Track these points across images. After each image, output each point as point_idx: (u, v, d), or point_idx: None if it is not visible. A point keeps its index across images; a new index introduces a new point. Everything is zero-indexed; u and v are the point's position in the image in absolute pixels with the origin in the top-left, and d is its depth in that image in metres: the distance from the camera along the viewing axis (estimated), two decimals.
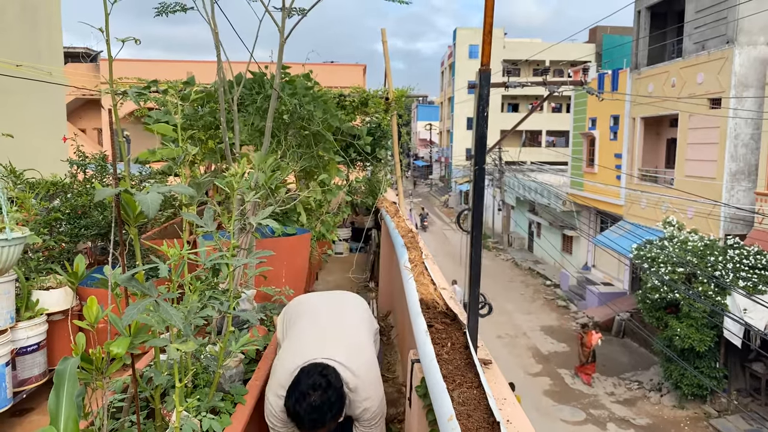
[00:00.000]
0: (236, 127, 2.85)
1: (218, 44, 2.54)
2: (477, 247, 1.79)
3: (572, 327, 19.70)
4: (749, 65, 13.13)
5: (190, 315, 1.42)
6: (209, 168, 5.68)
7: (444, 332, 1.91)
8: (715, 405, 12.85)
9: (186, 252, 1.41)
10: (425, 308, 2.16)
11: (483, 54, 1.72)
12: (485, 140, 1.74)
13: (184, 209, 1.74)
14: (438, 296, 2.23)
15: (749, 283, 11.71)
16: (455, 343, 1.81)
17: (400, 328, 4.28)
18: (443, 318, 2.05)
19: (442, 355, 1.70)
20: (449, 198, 47.50)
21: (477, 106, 1.71)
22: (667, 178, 16.49)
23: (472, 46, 46.71)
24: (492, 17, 1.72)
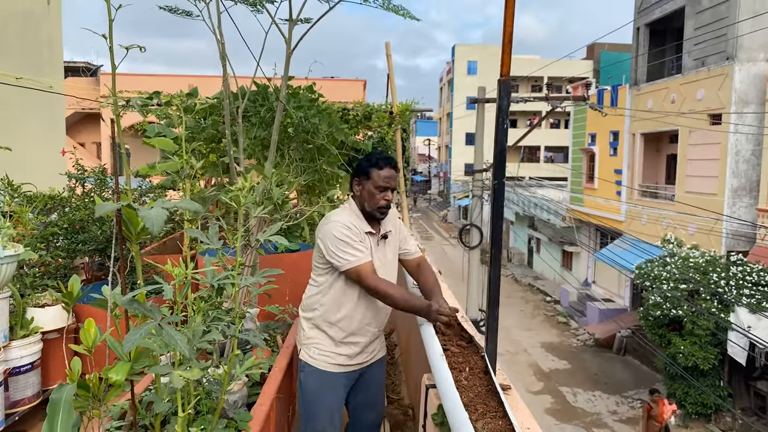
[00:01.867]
0: (240, 140, 2.77)
1: (224, 54, 2.47)
2: (496, 266, 1.70)
3: (573, 344, 19.54)
4: (749, 81, 13.15)
5: (195, 339, 1.32)
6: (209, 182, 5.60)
7: (461, 356, 1.81)
8: (720, 424, 12.66)
9: (191, 272, 1.31)
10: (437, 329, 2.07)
11: (503, 64, 1.64)
12: (505, 153, 1.66)
13: (188, 225, 1.65)
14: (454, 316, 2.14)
15: (753, 300, 11.59)
16: (474, 368, 1.71)
17: (405, 348, 4.17)
18: (458, 340, 1.95)
19: (461, 381, 1.61)
20: (448, 213, 47.45)
21: (497, 117, 1.63)
22: (668, 194, 16.44)
23: (470, 63, 47.00)
24: (512, 26, 1.65)
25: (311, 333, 2.43)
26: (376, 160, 2.40)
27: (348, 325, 2.39)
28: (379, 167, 2.39)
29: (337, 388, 2.43)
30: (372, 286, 2.24)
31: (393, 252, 2.55)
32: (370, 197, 2.39)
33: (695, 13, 14.75)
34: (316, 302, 2.42)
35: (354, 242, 2.28)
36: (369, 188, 2.39)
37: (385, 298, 2.28)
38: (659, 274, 13.05)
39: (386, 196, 2.40)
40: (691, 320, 12.16)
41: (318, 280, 2.43)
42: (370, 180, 2.39)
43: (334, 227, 2.30)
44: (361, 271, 2.25)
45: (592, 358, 18.11)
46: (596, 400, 14.99)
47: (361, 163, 2.45)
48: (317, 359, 2.39)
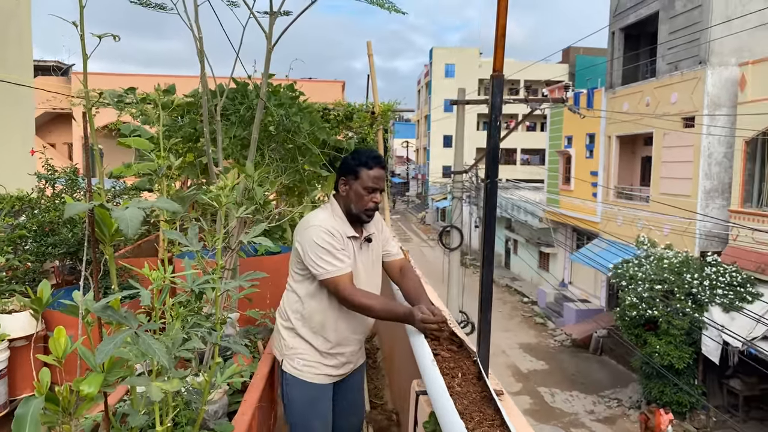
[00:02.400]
0: (219, 139, 2.67)
1: (201, 50, 2.37)
2: (489, 269, 1.65)
3: (550, 344, 19.70)
4: (721, 85, 13.42)
5: (174, 347, 1.23)
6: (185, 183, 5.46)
7: (452, 361, 1.75)
8: (695, 422, 12.86)
9: (169, 276, 1.23)
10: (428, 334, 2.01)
11: (496, 59, 1.59)
12: (498, 151, 1.61)
13: (165, 226, 1.56)
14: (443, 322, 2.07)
15: (726, 300, 11.81)
16: (466, 374, 1.65)
17: (388, 352, 4.10)
18: (449, 345, 1.89)
19: (454, 388, 1.54)
20: (426, 215, 47.57)
21: (490, 114, 1.58)
22: (643, 196, 16.69)
23: (448, 65, 47.25)
24: (505, 19, 1.60)
25: (293, 342, 2.29)
26: (366, 159, 2.25)
27: (334, 335, 2.28)
28: (368, 167, 2.24)
29: (327, 398, 2.34)
30: (349, 299, 2.11)
31: (377, 255, 2.44)
32: (358, 199, 2.24)
33: (669, 18, 15.01)
34: (297, 311, 2.29)
35: (335, 250, 2.14)
36: (357, 189, 2.24)
37: (364, 310, 2.15)
38: (635, 275, 13.23)
39: (375, 198, 2.27)
40: (667, 320, 12.34)
41: (298, 287, 2.28)
42: (358, 180, 2.24)
43: (314, 232, 2.16)
44: (339, 282, 2.11)
45: (569, 358, 18.28)
46: (574, 400, 15.13)
47: (349, 162, 2.29)
48: (302, 371, 2.27)
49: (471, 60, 46.64)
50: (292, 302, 2.31)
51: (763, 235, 12.27)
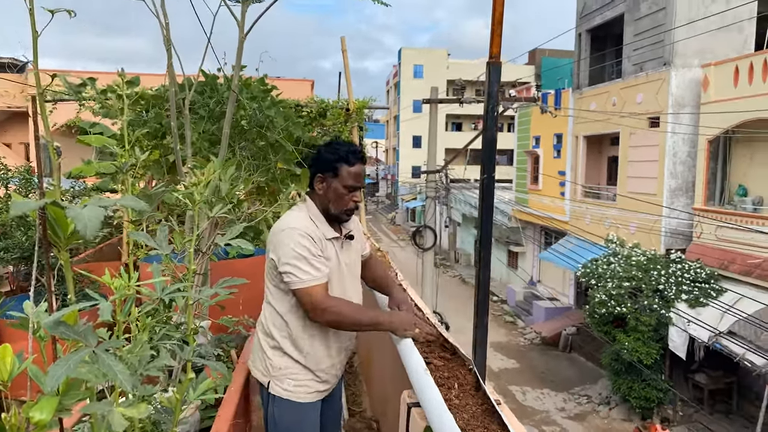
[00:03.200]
0: (188, 135, 2.49)
1: (168, 37, 2.20)
2: (485, 270, 1.53)
3: (521, 342, 19.86)
4: (685, 86, 13.71)
5: (140, 366, 1.08)
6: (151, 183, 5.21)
7: (446, 370, 1.63)
8: (662, 417, 13.09)
9: (134, 284, 1.07)
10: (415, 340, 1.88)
11: (492, 45, 1.48)
12: (495, 143, 1.49)
13: (130, 227, 1.39)
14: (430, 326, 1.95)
15: (691, 296, 12.06)
16: (463, 384, 1.53)
17: (365, 356, 3.96)
18: (441, 352, 1.76)
19: (452, 400, 1.42)
20: (396, 215, 47.57)
21: (487, 104, 1.46)
22: (610, 195, 16.96)
23: (416, 66, 47.40)
24: (502, 5, 1.49)
25: (281, 362, 2.09)
26: (345, 154, 2.05)
27: (324, 350, 2.10)
28: (349, 162, 2.05)
29: (317, 416, 2.17)
30: (320, 308, 1.91)
31: (357, 252, 2.30)
32: (337, 198, 2.06)
33: (634, 20, 15.27)
34: (282, 328, 2.08)
35: (311, 257, 1.95)
36: (336, 187, 2.05)
37: (338, 323, 1.96)
38: (604, 273, 13.40)
39: (355, 197, 2.10)
40: (635, 317, 12.53)
41: (279, 303, 2.07)
42: (337, 178, 2.05)
43: (290, 236, 1.96)
44: (312, 293, 1.92)
45: (539, 356, 18.45)
46: (544, 398, 15.25)
47: (326, 156, 2.08)
48: (293, 391, 2.08)
49: (439, 61, 46.88)
50: (275, 319, 2.10)
51: (725, 232, 12.58)
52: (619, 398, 13.71)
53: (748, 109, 11.79)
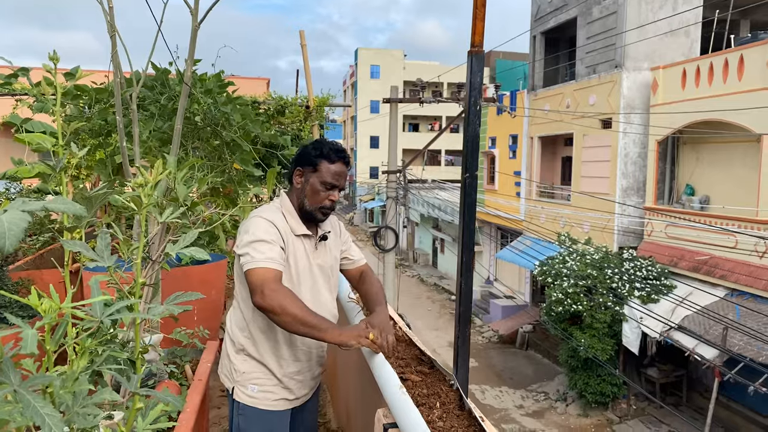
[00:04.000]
0: (136, 132, 2.29)
1: (112, 22, 1.99)
2: (468, 276, 1.41)
3: (479, 341, 20.03)
4: (636, 89, 14.10)
5: (76, 404, 0.90)
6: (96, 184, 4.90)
7: (424, 386, 1.50)
8: (617, 411, 13.41)
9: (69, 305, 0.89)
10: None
11: (474, 32, 1.36)
12: (478, 140, 1.38)
13: (66, 235, 1.21)
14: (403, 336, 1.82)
15: (643, 292, 12.39)
16: (446, 403, 1.40)
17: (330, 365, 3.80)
18: (417, 365, 1.63)
19: (435, 423, 1.29)
20: (354, 216, 47.37)
21: (468, 97, 1.35)
22: (564, 194, 17.29)
23: (373, 66, 47.37)
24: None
25: (244, 366, 1.98)
26: (328, 151, 2.01)
27: (288, 351, 1.98)
28: (330, 160, 2.00)
29: (285, 427, 2.03)
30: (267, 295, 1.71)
31: (333, 257, 2.17)
32: (313, 194, 2.00)
33: (586, 24, 15.62)
34: (245, 328, 1.99)
35: (272, 242, 1.86)
36: (314, 183, 2.00)
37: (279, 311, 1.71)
38: (560, 271, 13.61)
39: (332, 196, 2.03)
40: (590, 314, 12.78)
41: (245, 299, 1.97)
42: (316, 173, 2.00)
43: (254, 223, 1.92)
44: (262, 273, 1.76)
45: (497, 354, 18.64)
46: (503, 395, 15.39)
47: (308, 151, 2.04)
48: (257, 397, 1.96)
49: (396, 62, 46.98)
50: (239, 320, 2.01)
51: (674, 230, 12.99)
52: (576, 394, 13.97)
53: (695, 110, 12.20)
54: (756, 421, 11.53)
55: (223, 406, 3.55)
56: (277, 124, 4.87)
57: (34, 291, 0.89)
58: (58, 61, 1.27)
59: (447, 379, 1.53)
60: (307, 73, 4.44)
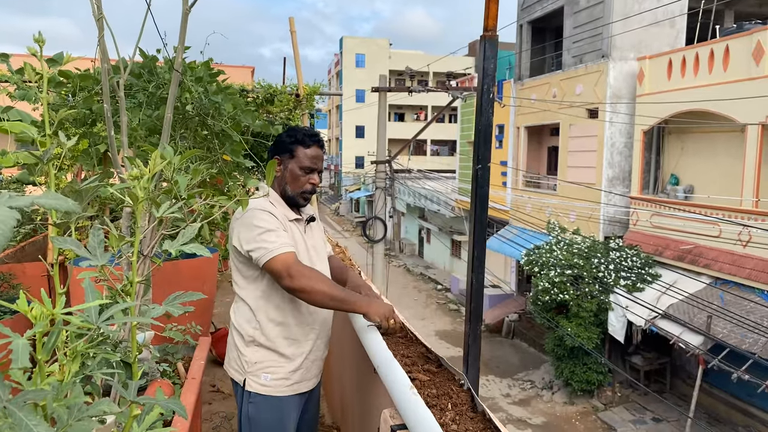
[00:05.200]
0: (123, 121, 2.19)
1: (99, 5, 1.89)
2: (479, 272, 1.35)
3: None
4: (622, 78, 14.13)
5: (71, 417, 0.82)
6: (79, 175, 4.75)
7: (433, 386, 1.44)
8: (602, 399, 13.56)
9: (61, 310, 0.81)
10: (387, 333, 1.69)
11: (487, 16, 1.29)
12: (491, 130, 1.31)
13: (54, 231, 1.12)
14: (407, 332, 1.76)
15: (629, 281, 12.50)
16: (458, 404, 1.34)
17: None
18: (424, 363, 1.57)
19: (449, 426, 1.23)
20: (340, 206, 47.22)
21: (481, 84, 1.28)
22: (550, 184, 17.34)
23: (358, 55, 47.04)
24: None
25: (257, 356, 1.99)
26: (302, 136, 2.10)
27: (301, 332, 2.01)
28: (305, 144, 2.08)
29: (296, 415, 2.05)
30: (296, 277, 1.80)
31: (321, 238, 2.27)
32: (294, 180, 2.08)
33: (573, 13, 15.59)
34: (251, 318, 1.99)
35: (277, 230, 1.93)
36: (292, 169, 2.08)
37: (311, 290, 1.82)
38: (547, 261, 13.68)
39: (312, 179, 2.11)
40: (577, 303, 12.87)
41: (247, 293, 2.00)
42: (293, 159, 2.08)
43: (251, 215, 1.93)
44: (284, 258, 1.84)
45: (483, 343, 18.60)
46: (490, 384, 15.49)
47: (283, 139, 2.13)
48: (271, 386, 1.97)
49: (381, 51, 46.69)
50: (245, 312, 2.01)
51: (659, 219, 13.10)
52: (562, 382, 14.10)
53: (680, 100, 12.26)
54: (737, 407, 11.74)
55: (214, 401, 3.48)
56: (266, 113, 4.76)
57: (22, 296, 0.81)
58: (44, 43, 1.18)
59: (456, 379, 1.48)
60: (296, 60, 4.34)
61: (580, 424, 12.95)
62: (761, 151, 10.88)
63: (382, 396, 1.62)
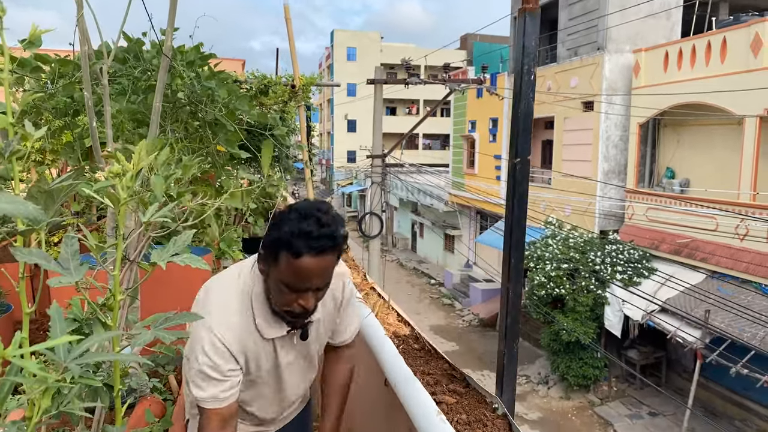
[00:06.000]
0: (107, 110, 1.98)
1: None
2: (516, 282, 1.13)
3: (459, 325, 20.04)
4: (618, 71, 14.00)
5: None
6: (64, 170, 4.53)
7: (462, 410, 1.26)
8: (598, 393, 13.51)
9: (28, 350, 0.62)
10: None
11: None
12: (531, 119, 1.13)
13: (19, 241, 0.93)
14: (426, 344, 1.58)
15: (625, 276, 12.41)
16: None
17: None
18: (449, 383, 1.40)
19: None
20: (332, 201, 46.98)
21: (521, 64, 1.09)
22: (545, 178, 17.23)
23: (349, 49, 46.69)
24: None
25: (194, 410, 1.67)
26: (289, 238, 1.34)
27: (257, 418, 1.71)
28: (293, 252, 1.34)
29: None
30: None
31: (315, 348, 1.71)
32: (277, 294, 1.44)
33: (568, 5, 15.43)
34: None
35: (215, 376, 1.45)
36: (275, 281, 1.42)
37: None
38: (542, 255, 13.57)
39: (302, 300, 1.42)
40: (573, 298, 12.78)
41: None
42: (276, 268, 1.39)
43: (202, 340, 1.45)
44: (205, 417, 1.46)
45: (478, 338, 18.68)
46: (485, 379, 15.39)
47: (271, 236, 1.41)
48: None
49: (372, 44, 46.36)
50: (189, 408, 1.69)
51: (655, 213, 13.01)
52: (558, 377, 14.03)
53: (677, 93, 12.15)
54: (733, 400, 11.71)
55: None
56: (259, 104, 4.55)
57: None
58: (5, 13, 0.98)
59: (489, 402, 1.30)
60: (292, 49, 4.14)
61: (576, 419, 12.89)
62: (759, 143, 10.80)
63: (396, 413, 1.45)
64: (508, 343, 1.19)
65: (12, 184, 1.05)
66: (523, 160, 1.14)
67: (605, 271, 12.58)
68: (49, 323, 0.91)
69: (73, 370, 0.70)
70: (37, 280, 3.40)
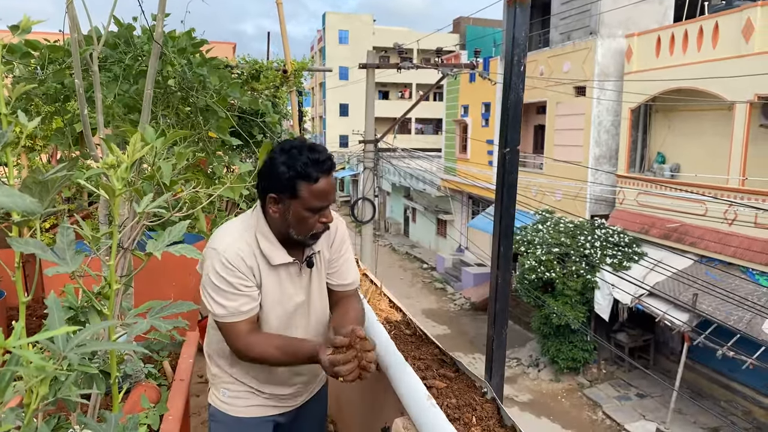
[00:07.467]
0: (98, 97, 1.98)
1: None
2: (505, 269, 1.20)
3: (451, 308, 20.20)
4: (610, 56, 13.99)
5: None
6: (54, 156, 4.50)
7: (452, 395, 1.30)
8: (587, 375, 13.71)
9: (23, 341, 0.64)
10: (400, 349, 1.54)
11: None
12: (520, 108, 1.15)
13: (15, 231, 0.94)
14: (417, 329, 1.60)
15: (615, 260, 12.53)
16: (483, 418, 1.20)
17: None
18: (439, 368, 1.43)
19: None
20: None
21: (511, 56, 1.11)
22: (536, 163, 17.27)
23: (341, 32, 46.26)
24: None
25: (215, 369, 1.79)
26: (306, 169, 1.52)
27: (266, 376, 1.76)
28: (311, 179, 1.52)
29: None
30: (243, 352, 1.59)
31: (320, 280, 1.79)
32: (299, 223, 1.57)
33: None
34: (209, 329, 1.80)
35: (231, 289, 1.57)
36: (297, 212, 1.55)
37: (265, 362, 1.61)
38: (533, 239, 13.66)
39: (323, 218, 1.60)
40: (563, 282, 12.90)
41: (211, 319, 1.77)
42: (297, 199, 1.54)
43: (211, 259, 1.60)
44: (231, 330, 1.59)
45: (469, 321, 18.84)
46: (476, 362, 15.55)
47: (279, 171, 1.54)
48: (229, 403, 1.74)
49: (365, 27, 45.95)
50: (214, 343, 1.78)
51: (646, 198, 13.11)
52: (548, 360, 14.20)
53: (669, 78, 12.18)
54: (719, 382, 11.93)
55: (202, 393, 3.33)
56: (251, 90, 4.53)
57: None
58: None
59: (478, 387, 1.34)
60: (283, 34, 4.11)
61: (566, 401, 13.09)
62: (748, 129, 10.87)
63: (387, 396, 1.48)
64: (497, 329, 1.23)
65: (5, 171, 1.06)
66: (512, 150, 1.16)
67: (595, 255, 12.70)
68: (42, 309, 0.93)
69: (72, 360, 0.72)
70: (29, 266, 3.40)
